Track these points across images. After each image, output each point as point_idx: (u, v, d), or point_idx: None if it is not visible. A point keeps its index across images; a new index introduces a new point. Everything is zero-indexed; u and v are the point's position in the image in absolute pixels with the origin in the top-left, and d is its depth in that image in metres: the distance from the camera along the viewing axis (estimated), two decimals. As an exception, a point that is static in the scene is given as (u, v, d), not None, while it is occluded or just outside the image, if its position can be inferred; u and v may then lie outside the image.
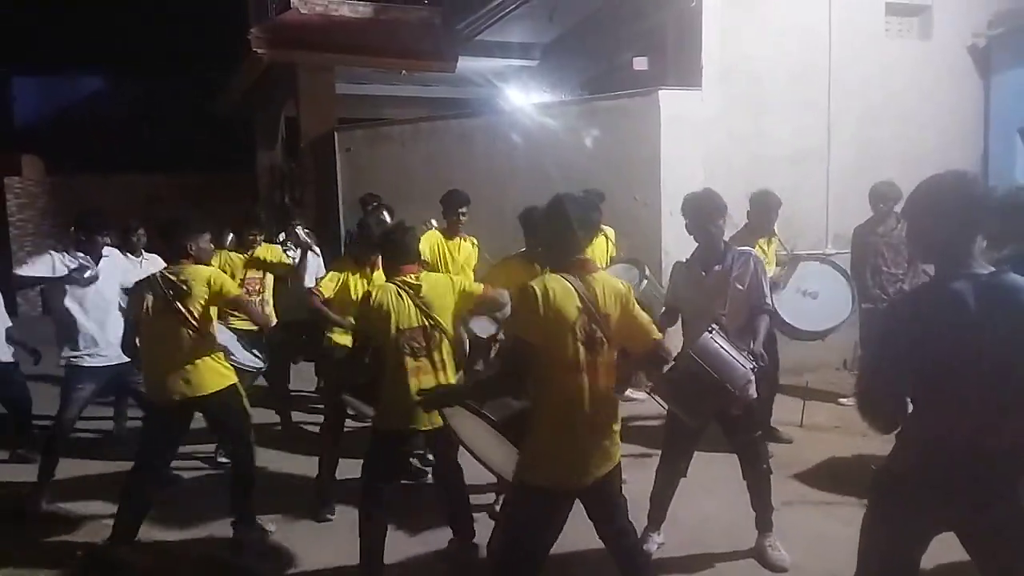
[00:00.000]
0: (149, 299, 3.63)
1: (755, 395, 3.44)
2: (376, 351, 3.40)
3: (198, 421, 3.88)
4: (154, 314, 3.63)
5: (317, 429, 4.90)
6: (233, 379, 3.82)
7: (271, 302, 5.45)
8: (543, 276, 2.64)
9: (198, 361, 3.66)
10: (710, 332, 3.09)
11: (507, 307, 3.65)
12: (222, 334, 4.02)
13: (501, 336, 2.92)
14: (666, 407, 3.20)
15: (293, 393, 6.11)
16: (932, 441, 2.10)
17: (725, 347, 3.07)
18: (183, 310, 3.60)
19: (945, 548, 2.23)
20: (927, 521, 2.16)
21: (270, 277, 5.43)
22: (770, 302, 3.59)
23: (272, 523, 4.02)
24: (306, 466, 4.76)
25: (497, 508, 4.08)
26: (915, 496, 2.14)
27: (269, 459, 5.11)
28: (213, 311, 3.73)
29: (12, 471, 4.97)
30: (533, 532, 2.58)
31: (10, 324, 5.39)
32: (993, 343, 2.00)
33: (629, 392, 5.47)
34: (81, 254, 4.41)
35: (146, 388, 3.76)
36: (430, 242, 4.98)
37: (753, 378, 3.15)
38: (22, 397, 5.37)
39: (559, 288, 2.52)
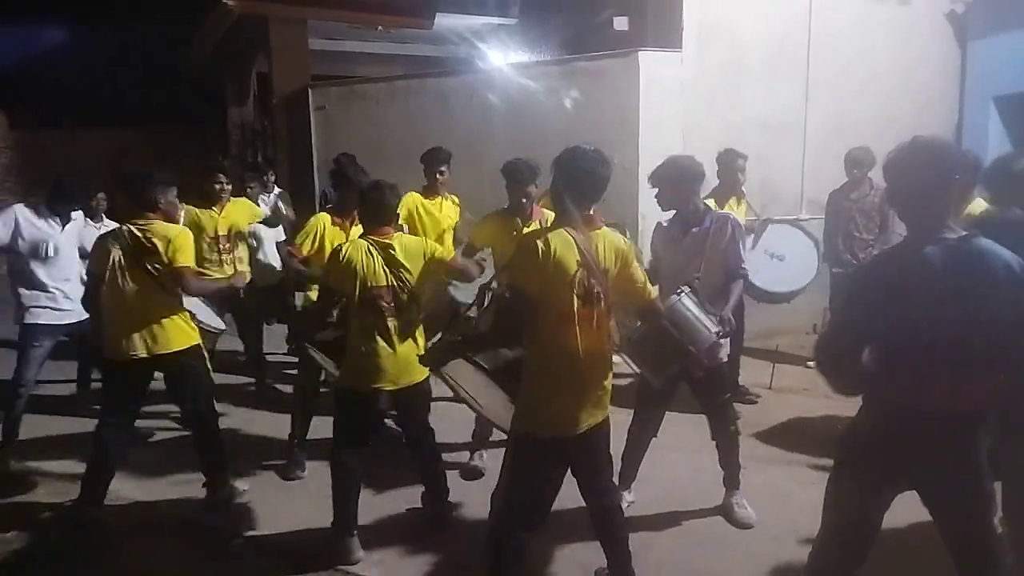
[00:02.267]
0: (116, 254, 3.55)
1: (724, 359, 3.53)
2: (343, 308, 3.37)
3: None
4: (120, 269, 3.55)
5: (290, 390, 4.89)
6: (197, 339, 3.76)
7: (246, 260, 5.37)
8: (543, 229, 2.68)
9: (162, 318, 3.59)
10: (678, 294, 3.14)
11: (476, 277, 3.64)
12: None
13: (494, 286, 2.94)
14: (635, 367, 3.26)
15: (266, 355, 6.07)
16: (896, 402, 2.14)
17: (692, 310, 3.12)
18: (150, 267, 3.53)
19: (909, 508, 2.30)
20: (890, 480, 2.22)
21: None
22: (746, 267, 3.61)
23: (245, 483, 4.02)
24: (279, 427, 4.76)
25: (471, 464, 4.13)
26: (879, 455, 2.19)
27: (242, 420, 5.11)
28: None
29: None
30: (532, 482, 2.64)
31: None
32: (959, 306, 2.03)
33: None
34: (50, 218, 4.38)
35: (107, 344, 3.65)
36: (407, 205, 4.92)
37: (720, 342, 3.23)
38: None
39: (559, 241, 2.54)
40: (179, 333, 3.66)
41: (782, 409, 5.14)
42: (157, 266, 3.54)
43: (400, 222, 4.32)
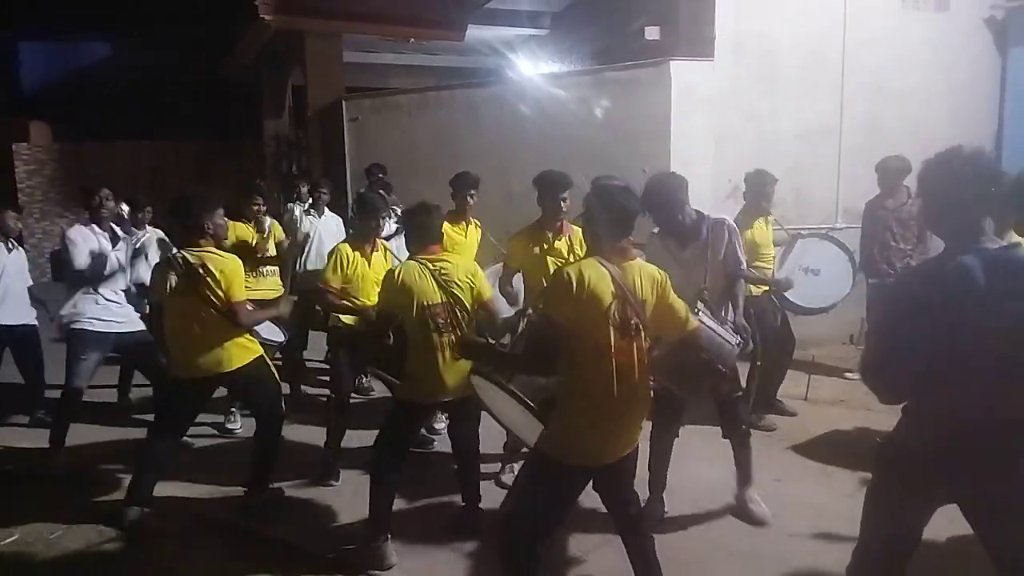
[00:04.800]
0: (172, 279, 3.63)
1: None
2: (399, 328, 3.44)
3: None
4: (177, 295, 3.63)
5: (324, 399, 4.95)
6: (258, 351, 3.84)
7: (277, 273, 5.49)
8: (577, 261, 2.70)
9: (223, 339, 3.67)
10: (696, 313, 3.09)
11: (499, 323, 3.63)
12: None
13: (529, 312, 2.98)
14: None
15: (305, 361, 6.16)
16: (939, 414, 2.11)
17: (712, 326, 3.13)
18: (203, 294, 3.60)
19: (947, 521, 2.26)
20: (931, 493, 2.18)
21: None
22: (745, 267, 3.69)
23: (281, 487, 4.08)
24: (313, 435, 4.82)
25: (502, 478, 4.14)
26: (920, 468, 2.16)
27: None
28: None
29: (32, 435, 4.99)
30: (547, 502, 2.62)
31: (31, 283, 5.36)
32: (1001, 317, 2.00)
33: None
34: (100, 231, 4.54)
35: (172, 365, 3.79)
36: None
37: (737, 351, 3.25)
38: (40, 361, 5.37)
39: (594, 273, 2.53)
40: (240, 351, 3.73)
41: (818, 421, 5.07)
42: (210, 294, 3.60)
43: None
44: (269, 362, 3.91)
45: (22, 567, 3.48)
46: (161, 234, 5.53)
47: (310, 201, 6.30)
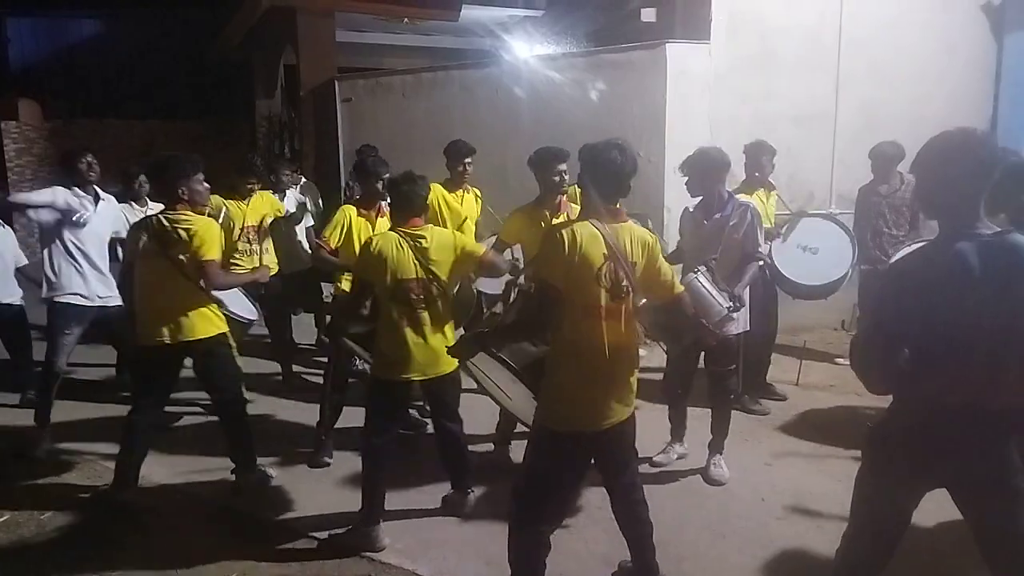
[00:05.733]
0: (143, 240, 3.60)
1: (733, 332, 3.85)
2: (375, 299, 3.40)
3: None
4: (146, 257, 3.60)
5: (318, 378, 4.94)
6: (223, 327, 3.77)
7: (271, 250, 5.43)
8: (571, 222, 2.67)
9: (187, 306, 3.61)
10: (696, 272, 3.47)
11: (505, 272, 3.69)
12: None
13: (520, 280, 2.97)
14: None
15: (297, 344, 6.14)
16: (929, 399, 2.12)
17: (706, 286, 3.47)
18: (172, 256, 3.55)
19: (936, 506, 2.27)
20: (920, 477, 2.20)
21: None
22: (762, 251, 3.95)
23: (272, 470, 4.08)
24: (306, 415, 4.82)
25: (496, 454, 4.15)
26: (910, 452, 2.17)
27: (269, 407, 5.18)
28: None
29: (21, 415, 4.94)
30: (553, 474, 2.63)
31: (26, 262, 5.28)
32: (994, 303, 2.00)
33: None
34: (83, 193, 4.40)
35: (137, 329, 3.71)
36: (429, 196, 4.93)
37: (733, 316, 3.62)
38: (28, 339, 5.34)
39: (586, 234, 2.54)
40: (204, 321, 3.68)
41: (809, 405, 5.10)
42: (181, 256, 3.56)
43: None
44: (232, 342, 3.82)
45: (13, 549, 3.48)
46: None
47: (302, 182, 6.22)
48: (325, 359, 4.86)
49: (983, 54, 7.36)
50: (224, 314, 3.87)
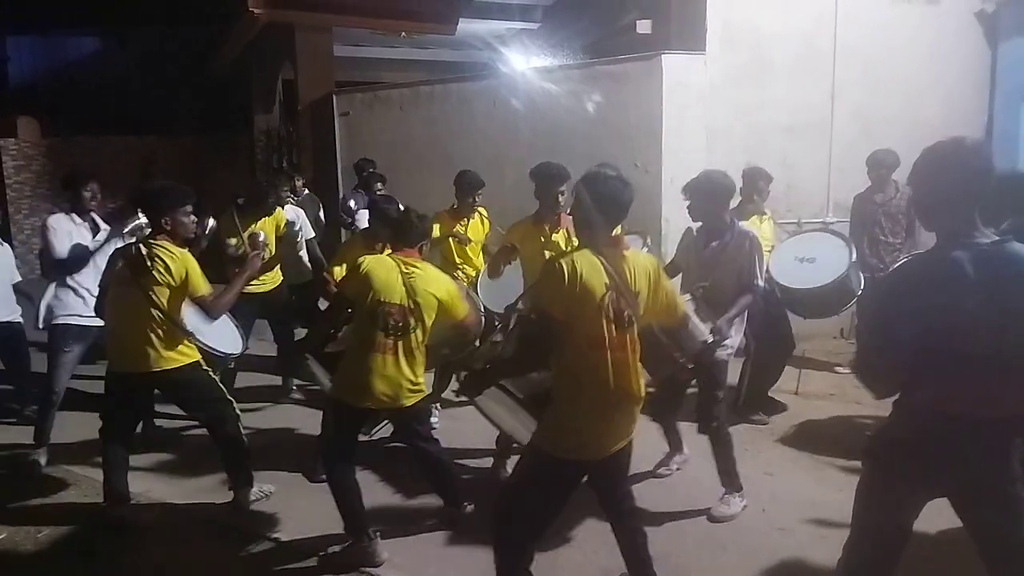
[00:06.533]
0: (119, 266, 3.57)
1: (725, 358, 3.67)
2: (351, 320, 3.37)
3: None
4: (119, 283, 3.56)
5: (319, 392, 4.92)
6: (194, 357, 3.66)
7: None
8: (569, 251, 2.66)
9: (155, 336, 3.50)
10: None
11: (475, 339, 3.61)
12: (192, 316, 3.67)
13: (520, 307, 2.94)
14: None
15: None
16: (929, 408, 2.11)
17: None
18: (144, 286, 3.46)
19: (937, 514, 2.26)
20: (921, 487, 2.19)
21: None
22: (760, 283, 3.70)
23: (271, 485, 4.06)
24: (306, 428, 4.80)
25: (496, 472, 4.13)
26: (910, 462, 2.16)
27: (269, 421, 5.16)
28: (181, 298, 3.56)
29: (20, 432, 4.90)
30: (541, 497, 2.61)
31: (19, 279, 5.27)
32: (992, 312, 1.99)
33: None
34: (80, 221, 4.44)
35: (107, 353, 3.69)
36: (437, 226, 4.92)
37: (717, 348, 3.37)
38: (26, 357, 5.31)
39: (586, 264, 2.50)
40: (171, 354, 3.56)
41: (809, 414, 5.08)
42: (152, 287, 3.45)
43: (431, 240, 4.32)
44: (204, 366, 3.71)
45: (11, 566, 3.45)
46: None
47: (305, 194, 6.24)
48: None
49: (978, 62, 7.39)
50: (199, 347, 3.74)
